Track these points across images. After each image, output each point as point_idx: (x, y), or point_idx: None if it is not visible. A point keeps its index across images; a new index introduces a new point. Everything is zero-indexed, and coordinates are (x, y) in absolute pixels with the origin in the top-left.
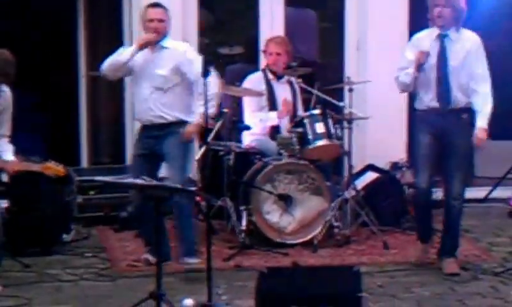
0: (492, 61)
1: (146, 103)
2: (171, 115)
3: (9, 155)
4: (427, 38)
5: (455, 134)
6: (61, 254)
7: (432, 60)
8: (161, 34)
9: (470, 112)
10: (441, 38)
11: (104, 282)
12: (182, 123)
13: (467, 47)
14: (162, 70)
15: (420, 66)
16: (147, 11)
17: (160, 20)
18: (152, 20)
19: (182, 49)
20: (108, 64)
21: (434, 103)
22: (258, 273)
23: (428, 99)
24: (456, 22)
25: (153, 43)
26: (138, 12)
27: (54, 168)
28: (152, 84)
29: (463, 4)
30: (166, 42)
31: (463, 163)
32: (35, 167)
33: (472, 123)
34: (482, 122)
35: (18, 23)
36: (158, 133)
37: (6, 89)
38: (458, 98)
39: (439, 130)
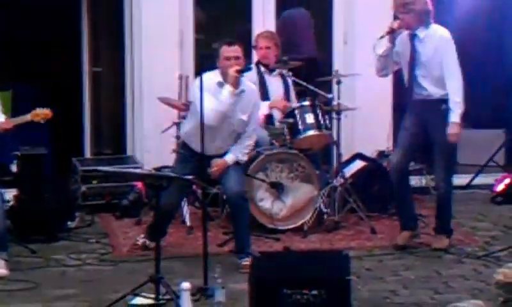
0: (475, 54)
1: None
2: None
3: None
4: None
5: (434, 125)
6: (66, 240)
7: (406, 58)
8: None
9: (447, 102)
10: (411, 38)
11: (106, 266)
12: None
13: (435, 42)
14: (244, 115)
15: (392, 35)
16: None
17: (237, 58)
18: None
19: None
20: (215, 118)
21: (412, 96)
22: (252, 257)
23: (407, 93)
24: (422, 22)
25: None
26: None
27: (41, 113)
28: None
29: (425, 5)
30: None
31: (443, 151)
32: (25, 118)
33: (448, 114)
34: (453, 117)
35: (24, 22)
36: None
37: None
38: (432, 90)
39: (421, 121)
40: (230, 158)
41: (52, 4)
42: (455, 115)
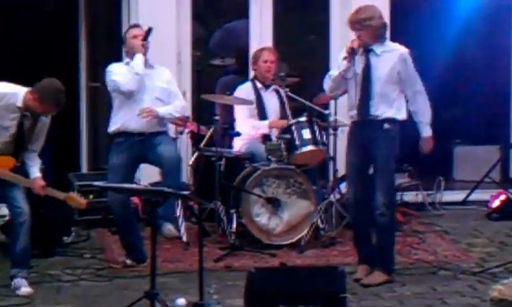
0: (469, 71)
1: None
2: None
3: (36, 170)
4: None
5: (377, 146)
6: (62, 256)
7: (358, 75)
8: None
9: (392, 122)
10: (367, 52)
11: (102, 282)
12: None
13: (394, 59)
14: (163, 83)
15: (352, 55)
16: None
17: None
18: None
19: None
20: (132, 81)
21: (358, 116)
22: (248, 273)
23: (353, 113)
24: (378, 38)
25: None
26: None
27: (76, 199)
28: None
29: (380, 19)
30: None
31: (385, 174)
32: (60, 195)
33: (394, 134)
34: (424, 132)
35: (22, 37)
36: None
37: None
38: (380, 109)
39: (364, 141)
40: (162, 109)
41: (50, 20)
42: (427, 129)
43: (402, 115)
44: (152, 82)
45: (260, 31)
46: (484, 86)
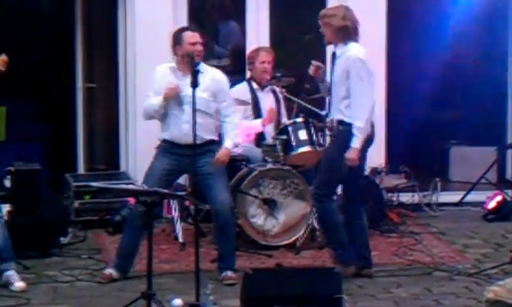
0: (466, 72)
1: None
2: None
3: None
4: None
5: (330, 145)
6: (59, 256)
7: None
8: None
9: (343, 125)
10: (332, 54)
11: (99, 283)
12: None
13: (344, 62)
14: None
15: (318, 75)
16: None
17: (202, 44)
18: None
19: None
20: (144, 114)
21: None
22: (244, 274)
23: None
24: (339, 38)
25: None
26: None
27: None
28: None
29: (343, 21)
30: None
31: (323, 170)
32: None
33: (344, 136)
34: (354, 142)
35: (19, 39)
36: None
37: None
38: (336, 111)
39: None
40: (228, 144)
41: (47, 21)
42: (356, 140)
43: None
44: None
45: (257, 30)
46: (480, 87)
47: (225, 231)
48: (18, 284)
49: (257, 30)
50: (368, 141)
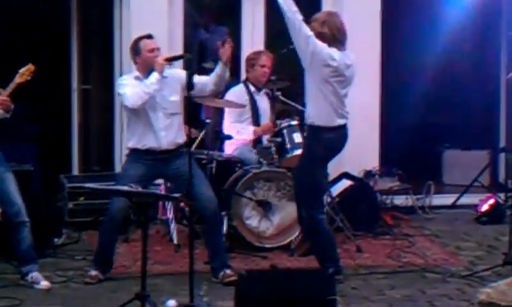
0: (460, 77)
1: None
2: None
3: None
4: None
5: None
6: (53, 257)
7: None
8: None
9: (310, 128)
10: None
11: (92, 283)
12: None
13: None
14: (175, 97)
15: None
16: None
17: (159, 49)
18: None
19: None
20: (138, 98)
21: None
22: (238, 275)
23: None
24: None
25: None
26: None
27: (25, 71)
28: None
29: (321, 27)
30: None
31: (296, 173)
32: (14, 84)
33: (310, 139)
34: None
35: (14, 39)
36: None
37: None
38: (307, 114)
39: None
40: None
41: (42, 22)
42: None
43: (319, 121)
44: (162, 98)
45: (252, 33)
46: (473, 92)
47: (215, 228)
48: (44, 283)
49: (252, 33)
50: (332, 148)
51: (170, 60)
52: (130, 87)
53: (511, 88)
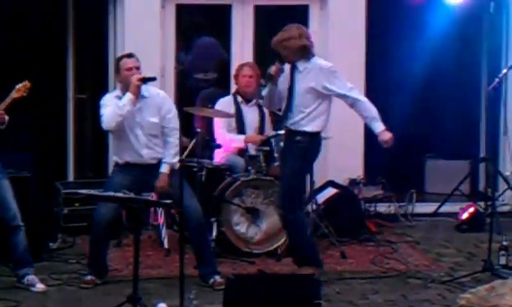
0: (441, 87)
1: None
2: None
3: None
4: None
5: (287, 155)
6: (48, 261)
7: (286, 89)
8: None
9: (303, 135)
10: (292, 69)
11: (86, 287)
12: None
13: (315, 74)
14: (154, 118)
15: (275, 78)
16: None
17: (138, 68)
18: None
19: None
20: (111, 119)
21: (283, 127)
22: (227, 279)
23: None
24: (300, 57)
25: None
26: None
27: (22, 87)
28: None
29: (300, 40)
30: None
31: (286, 181)
32: (9, 99)
33: (303, 146)
34: (379, 126)
35: (11, 50)
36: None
37: None
38: (296, 121)
39: (283, 150)
40: (165, 168)
41: (38, 31)
42: (377, 125)
43: (313, 128)
44: (141, 117)
45: (242, 47)
46: (455, 102)
47: (202, 234)
48: (40, 286)
49: (242, 46)
50: (319, 152)
51: (145, 81)
52: (108, 108)
53: (491, 100)
